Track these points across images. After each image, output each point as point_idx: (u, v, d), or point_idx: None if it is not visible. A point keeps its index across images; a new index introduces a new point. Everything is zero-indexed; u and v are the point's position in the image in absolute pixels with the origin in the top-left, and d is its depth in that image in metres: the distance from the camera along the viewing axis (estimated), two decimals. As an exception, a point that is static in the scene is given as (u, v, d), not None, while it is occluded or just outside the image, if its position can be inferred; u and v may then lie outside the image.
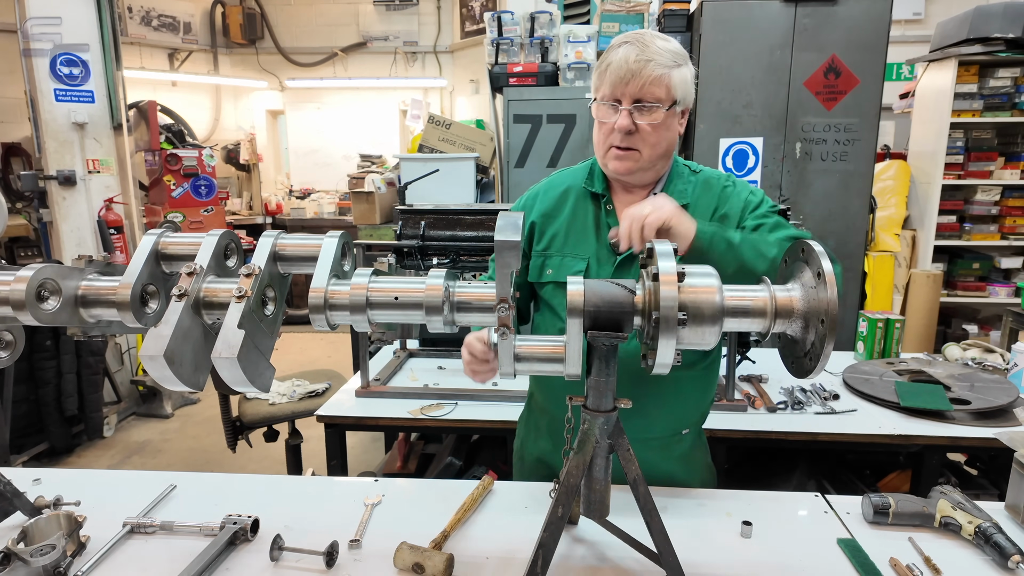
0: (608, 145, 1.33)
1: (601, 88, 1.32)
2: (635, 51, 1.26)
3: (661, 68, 1.26)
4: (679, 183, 1.41)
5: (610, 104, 1.30)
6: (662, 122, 1.29)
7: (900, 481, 2.35)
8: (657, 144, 1.31)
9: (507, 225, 0.90)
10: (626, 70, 1.26)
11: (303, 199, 7.63)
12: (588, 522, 1.19)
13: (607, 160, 1.35)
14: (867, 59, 3.61)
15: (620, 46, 1.29)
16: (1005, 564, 1.11)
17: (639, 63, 1.25)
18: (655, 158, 1.33)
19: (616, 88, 1.28)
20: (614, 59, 1.28)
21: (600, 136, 1.36)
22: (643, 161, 1.32)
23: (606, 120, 1.32)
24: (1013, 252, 4.64)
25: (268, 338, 0.93)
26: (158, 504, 1.35)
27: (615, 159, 1.33)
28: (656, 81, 1.26)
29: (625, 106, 1.28)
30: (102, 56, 4.29)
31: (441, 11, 7.54)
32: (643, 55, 1.25)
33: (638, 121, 1.28)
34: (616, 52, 1.28)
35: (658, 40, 1.29)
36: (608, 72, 1.29)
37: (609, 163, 1.35)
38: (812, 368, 0.89)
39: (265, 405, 3.00)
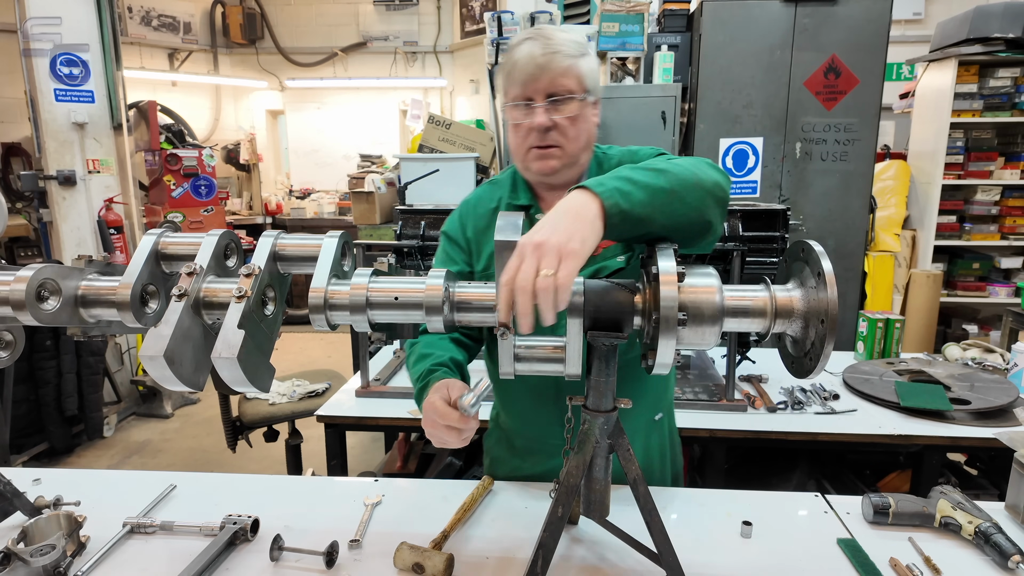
0: (527, 147, 1.26)
1: (510, 90, 1.26)
2: (539, 46, 1.21)
3: (568, 59, 1.21)
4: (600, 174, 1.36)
5: (523, 104, 1.24)
6: (579, 114, 1.24)
7: (900, 481, 2.35)
8: (577, 137, 1.26)
9: (507, 225, 0.90)
10: (534, 66, 1.20)
11: (303, 199, 7.63)
12: (588, 522, 1.19)
13: (528, 162, 1.29)
14: (867, 59, 3.62)
15: (522, 43, 1.23)
16: (1005, 564, 1.11)
17: (546, 57, 1.20)
18: (577, 152, 1.28)
19: (526, 86, 1.22)
20: (519, 57, 1.22)
21: (517, 140, 1.29)
22: (566, 157, 1.27)
23: (521, 121, 1.25)
24: (1013, 252, 4.65)
25: (268, 338, 0.93)
26: (158, 504, 1.35)
27: (537, 159, 1.26)
28: (566, 72, 1.21)
29: (539, 103, 1.22)
30: (102, 56, 4.29)
31: (441, 11, 7.55)
32: (548, 48, 1.20)
33: (554, 117, 1.22)
34: (519, 50, 1.23)
35: (559, 32, 1.24)
36: (515, 71, 1.23)
37: (532, 165, 1.28)
38: (812, 368, 0.89)
39: (265, 405, 3.00)
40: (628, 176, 0.95)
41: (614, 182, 0.94)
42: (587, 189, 0.92)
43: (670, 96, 3.50)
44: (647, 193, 0.93)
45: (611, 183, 0.93)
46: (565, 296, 0.81)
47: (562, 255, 0.81)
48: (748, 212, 2.04)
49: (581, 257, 0.83)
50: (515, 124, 1.27)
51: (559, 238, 0.83)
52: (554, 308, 0.81)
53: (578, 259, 0.83)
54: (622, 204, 0.91)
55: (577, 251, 0.83)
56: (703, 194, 0.99)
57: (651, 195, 0.94)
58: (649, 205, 0.93)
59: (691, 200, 0.97)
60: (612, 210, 0.90)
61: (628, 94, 3.53)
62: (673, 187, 0.96)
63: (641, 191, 0.93)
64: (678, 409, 2.08)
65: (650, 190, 0.94)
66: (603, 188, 0.91)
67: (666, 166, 0.99)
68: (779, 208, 2.05)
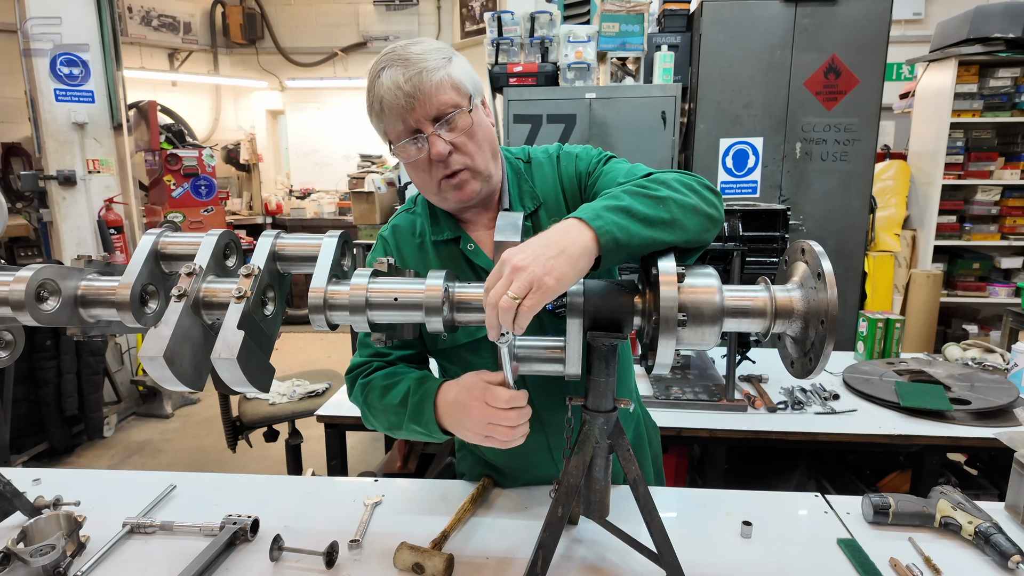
0: (436, 180, 1.15)
1: (390, 129, 1.13)
2: (400, 71, 1.07)
3: (437, 72, 1.09)
4: (523, 184, 1.26)
5: (411, 140, 1.11)
6: (473, 123, 1.13)
7: (900, 481, 2.35)
8: (481, 148, 1.15)
9: (507, 225, 0.90)
10: (404, 94, 1.07)
11: (303, 199, 7.64)
12: (588, 522, 1.19)
13: (445, 196, 1.17)
14: (867, 59, 3.61)
15: (380, 74, 1.09)
16: (1005, 564, 1.11)
17: (412, 80, 1.07)
18: (487, 163, 1.17)
19: (406, 120, 1.09)
20: (384, 92, 1.08)
21: (420, 176, 1.17)
22: (479, 176, 1.16)
23: (418, 157, 1.13)
24: (1013, 252, 4.65)
25: (268, 338, 0.93)
26: (158, 504, 1.35)
27: (453, 190, 1.15)
28: (440, 87, 1.09)
29: (428, 132, 1.10)
30: (102, 56, 4.29)
31: (441, 11, 7.55)
32: (411, 69, 1.07)
33: (450, 138, 1.11)
34: (381, 84, 1.08)
35: (413, 47, 1.11)
36: (386, 109, 1.09)
37: (449, 197, 1.17)
38: (812, 368, 0.89)
39: (265, 405, 3.00)
40: (628, 207, 0.92)
41: (612, 216, 0.90)
42: (584, 222, 0.89)
43: (670, 96, 3.50)
44: (646, 226, 0.91)
45: (609, 216, 0.90)
46: (523, 323, 0.82)
47: (533, 286, 0.81)
48: (748, 212, 2.04)
49: (552, 294, 0.83)
50: (411, 162, 1.15)
51: (537, 269, 0.82)
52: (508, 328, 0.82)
53: (547, 295, 0.83)
54: (619, 238, 0.88)
55: (550, 288, 0.82)
56: (702, 219, 0.97)
57: (650, 228, 0.91)
58: (647, 238, 0.91)
59: (691, 227, 0.95)
60: (608, 245, 0.88)
61: (628, 94, 3.53)
62: (674, 217, 0.93)
63: (639, 225, 0.91)
64: (679, 409, 2.09)
65: (649, 222, 0.91)
66: (600, 222, 0.89)
67: (667, 194, 0.95)
68: (779, 208, 2.05)
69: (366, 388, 1.26)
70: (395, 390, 1.19)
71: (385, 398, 1.20)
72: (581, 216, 0.90)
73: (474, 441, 1.06)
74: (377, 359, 1.30)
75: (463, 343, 1.25)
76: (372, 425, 1.28)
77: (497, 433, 1.02)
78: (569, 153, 1.28)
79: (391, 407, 1.18)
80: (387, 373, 1.26)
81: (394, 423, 1.19)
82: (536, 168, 1.28)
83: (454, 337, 1.24)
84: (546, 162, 1.29)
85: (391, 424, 1.20)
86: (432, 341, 1.29)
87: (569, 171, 1.26)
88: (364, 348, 1.33)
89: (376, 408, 1.22)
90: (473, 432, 1.05)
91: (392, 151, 1.15)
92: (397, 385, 1.19)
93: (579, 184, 1.25)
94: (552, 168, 1.27)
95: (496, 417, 1.00)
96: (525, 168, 1.28)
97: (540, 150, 1.32)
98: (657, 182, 0.99)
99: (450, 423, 1.09)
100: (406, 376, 1.21)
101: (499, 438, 1.02)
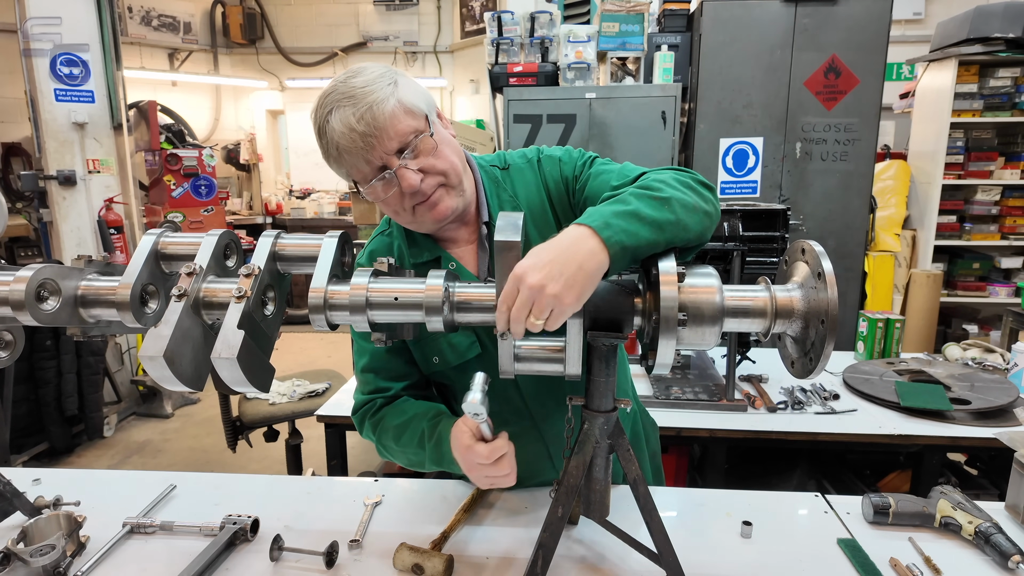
0: (410, 207, 1.11)
1: (355, 172, 1.09)
2: (349, 111, 1.02)
3: (387, 102, 1.03)
4: (501, 192, 1.22)
5: (380, 180, 1.07)
6: (437, 142, 1.09)
7: (900, 481, 2.35)
8: (452, 163, 1.11)
9: (507, 225, 0.90)
10: (359, 135, 1.02)
11: (303, 199, 7.64)
12: (588, 522, 1.19)
13: (420, 220, 1.13)
14: (867, 59, 3.62)
15: (328, 118, 1.04)
16: (1005, 564, 1.11)
17: (365, 118, 1.02)
18: (459, 174, 1.13)
19: (370, 159, 1.05)
20: (338, 138, 1.03)
21: (393, 208, 1.13)
22: (454, 191, 1.13)
23: (388, 192, 1.09)
24: (1013, 252, 4.65)
25: (268, 338, 0.93)
26: (158, 504, 1.35)
27: (429, 210, 1.11)
28: (394, 117, 1.04)
29: (394, 166, 1.06)
30: (102, 56, 4.29)
31: (441, 11, 7.55)
32: (359, 106, 1.02)
33: (419, 167, 1.07)
34: (333, 129, 1.03)
35: (354, 79, 1.05)
36: (344, 154, 1.05)
37: (425, 220, 1.13)
38: (812, 368, 0.89)
39: (265, 405, 3.00)
40: (636, 211, 0.91)
41: (620, 222, 0.90)
42: (594, 231, 0.88)
43: (670, 96, 3.50)
44: (653, 228, 0.91)
45: (617, 223, 0.89)
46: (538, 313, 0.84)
47: (555, 308, 0.83)
48: (748, 212, 2.04)
49: (573, 310, 0.85)
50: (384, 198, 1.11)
51: (557, 288, 0.82)
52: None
53: (569, 312, 0.85)
54: (627, 244, 0.88)
55: (571, 306, 0.84)
56: (701, 216, 0.97)
57: (657, 230, 0.91)
58: (654, 240, 0.91)
59: (693, 226, 0.95)
60: (616, 254, 0.87)
61: (628, 94, 3.53)
62: (679, 218, 0.93)
63: (647, 228, 0.90)
64: (679, 409, 2.09)
65: (656, 225, 0.91)
66: (609, 231, 0.88)
67: (671, 194, 0.95)
68: (779, 208, 2.05)
69: (377, 428, 1.27)
70: (408, 432, 1.20)
71: (400, 441, 1.21)
72: (591, 224, 0.89)
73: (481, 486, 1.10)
74: (379, 395, 1.29)
75: (454, 365, 1.24)
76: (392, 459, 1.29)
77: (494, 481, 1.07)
78: (551, 157, 1.24)
79: (410, 449, 1.20)
80: (396, 411, 1.25)
81: (415, 462, 1.22)
82: (516, 173, 1.24)
83: (445, 360, 1.23)
84: (526, 167, 1.24)
85: (412, 463, 1.23)
86: (425, 365, 1.27)
87: (554, 175, 1.22)
88: (364, 385, 1.31)
89: (394, 449, 1.24)
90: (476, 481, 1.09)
91: (361, 193, 1.11)
92: (409, 427, 1.21)
93: (567, 189, 1.21)
94: (534, 173, 1.23)
95: (484, 471, 1.04)
96: (503, 175, 1.24)
97: (517, 154, 1.27)
98: (659, 182, 0.98)
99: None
100: (416, 415, 1.22)
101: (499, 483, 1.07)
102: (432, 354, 1.24)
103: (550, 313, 0.83)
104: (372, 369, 1.29)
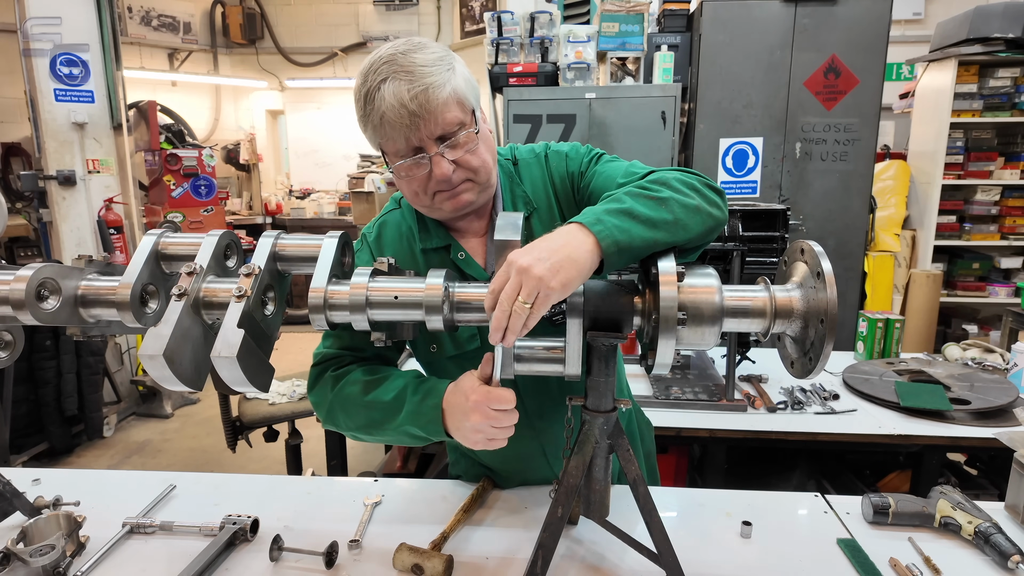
0: (431, 193, 1.09)
1: (389, 144, 1.06)
2: (404, 85, 0.99)
3: (443, 86, 1.01)
4: (515, 188, 1.22)
5: (413, 160, 1.05)
6: (479, 139, 1.08)
7: (900, 481, 2.35)
8: (485, 162, 1.10)
9: (506, 225, 0.90)
10: (409, 113, 0.99)
11: (303, 199, 7.64)
12: (588, 522, 1.19)
13: (439, 205, 1.11)
14: (867, 59, 3.62)
15: (381, 85, 1.00)
16: (1005, 564, 1.11)
17: (419, 98, 0.99)
18: (489, 173, 1.12)
19: (409, 138, 1.02)
20: (386, 107, 1.00)
21: (413, 190, 1.10)
22: (479, 187, 1.12)
23: (417, 175, 1.07)
24: (1013, 252, 4.65)
25: (268, 338, 0.93)
26: (158, 504, 1.35)
27: (449, 200, 1.10)
28: (447, 104, 1.02)
29: (432, 152, 1.04)
30: (102, 56, 4.29)
31: (441, 11, 7.55)
32: (416, 84, 0.99)
33: (454, 158, 1.06)
34: (383, 97, 1.00)
35: (416, 54, 1.02)
36: (386, 125, 1.02)
37: (444, 207, 1.11)
38: (812, 368, 0.89)
39: (265, 405, 3.00)
40: (629, 209, 0.91)
41: (614, 219, 0.89)
42: (585, 227, 0.88)
43: (670, 96, 3.50)
44: (647, 227, 0.90)
45: (609, 220, 0.89)
46: (531, 324, 0.83)
47: (541, 291, 0.82)
48: (748, 212, 2.04)
49: (558, 297, 0.84)
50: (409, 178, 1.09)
51: (544, 271, 0.82)
52: (517, 334, 0.83)
53: (554, 299, 0.83)
54: (621, 241, 0.88)
55: (556, 291, 0.83)
56: (704, 218, 0.96)
57: (652, 229, 0.90)
58: (649, 238, 0.90)
59: (693, 227, 0.94)
60: (609, 249, 0.87)
61: (628, 94, 3.53)
62: (677, 218, 0.92)
63: (641, 226, 0.90)
64: (678, 409, 2.09)
65: (651, 224, 0.90)
66: (601, 227, 0.88)
67: (669, 194, 0.94)
68: (779, 208, 2.05)
69: (340, 381, 1.17)
70: (384, 386, 1.12)
71: (370, 394, 1.12)
72: (583, 221, 0.89)
73: (464, 444, 1.02)
74: (351, 352, 1.22)
75: (451, 355, 1.22)
76: (334, 422, 1.19)
77: (495, 434, 0.99)
78: (558, 152, 1.24)
79: (377, 404, 1.11)
80: (368, 369, 1.19)
81: (377, 420, 1.12)
82: (524, 168, 1.24)
83: (443, 349, 1.22)
84: (534, 162, 1.24)
85: (372, 421, 1.13)
86: (422, 351, 1.25)
87: (560, 171, 1.22)
88: (334, 339, 1.23)
89: (353, 404, 1.14)
90: (468, 435, 1.01)
91: (389, 166, 1.09)
92: (386, 382, 1.13)
93: (572, 185, 1.21)
94: (541, 169, 1.23)
95: (497, 419, 0.97)
96: (513, 169, 1.24)
97: (526, 149, 1.27)
98: (659, 182, 0.98)
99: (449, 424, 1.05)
100: (395, 374, 1.16)
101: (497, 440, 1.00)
102: (431, 341, 1.22)
103: (536, 296, 0.82)
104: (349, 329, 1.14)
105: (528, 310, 0.82)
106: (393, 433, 1.12)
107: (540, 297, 0.82)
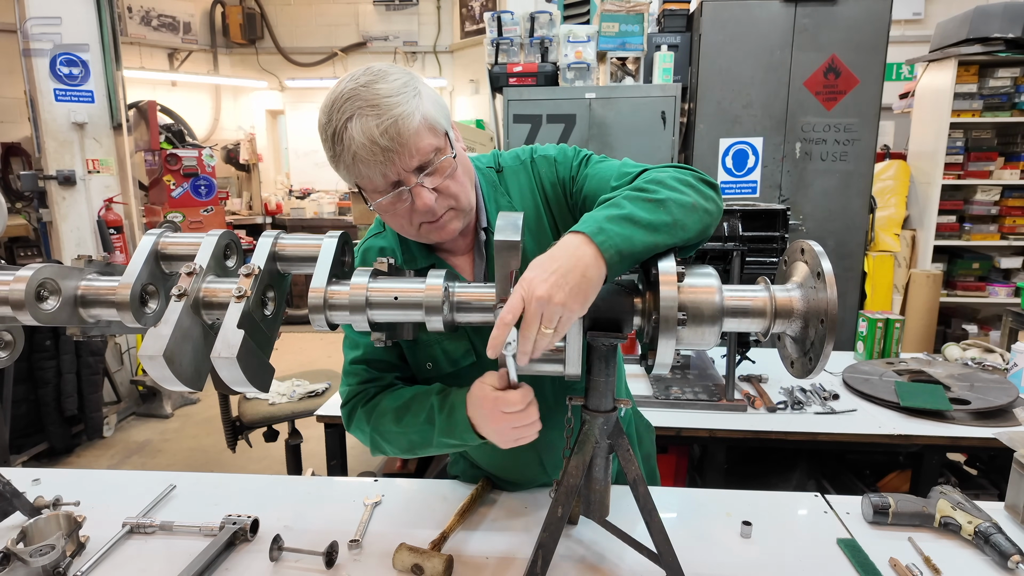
0: (416, 224, 1.07)
1: (366, 182, 1.03)
2: (372, 120, 0.95)
3: (413, 116, 0.98)
4: (499, 198, 1.19)
5: (394, 195, 1.02)
6: (456, 162, 1.06)
7: (900, 481, 2.35)
8: (464, 185, 1.08)
9: (507, 225, 0.90)
10: (382, 149, 0.96)
11: (303, 199, 7.64)
12: (588, 522, 1.19)
13: (425, 236, 1.10)
14: (867, 59, 3.62)
15: (348, 124, 0.97)
16: (1005, 564, 1.11)
17: (389, 131, 0.96)
18: (469, 198, 1.10)
19: (387, 173, 0.99)
20: (356, 146, 0.97)
21: (399, 221, 1.08)
22: (463, 213, 1.10)
23: (400, 208, 1.05)
24: (1013, 252, 4.65)
25: (268, 338, 0.93)
26: (158, 504, 1.35)
27: (436, 231, 1.08)
28: (419, 134, 0.99)
29: (412, 183, 1.01)
30: (102, 56, 4.29)
31: (441, 11, 7.55)
32: (384, 118, 0.95)
33: (435, 186, 1.03)
34: (352, 137, 0.96)
35: (378, 85, 0.98)
36: (359, 164, 0.99)
37: (431, 237, 1.10)
38: (812, 368, 0.89)
39: (265, 405, 3.00)
40: (629, 216, 0.90)
41: (615, 227, 0.89)
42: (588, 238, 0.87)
43: (670, 96, 3.50)
44: (649, 232, 0.90)
45: (612, 229, 0.88)
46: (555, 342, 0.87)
47: (563, 316, 0.84)
48: (748, 212, 2.04)
49: (578, 315, 0.87)
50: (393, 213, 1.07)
51: (565, 297, 0.83)
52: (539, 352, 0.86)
53: (576, 317, 0.87)
54: (623, 249, 0.88)
55: (577, 312, 0.86)
56: (701, 215, 0.96)
57: (653, 233, 0.90)
58: (651, 243, 0.90)
59: (692, 225, 0.94)
60: (612, 260, 0.87)
61: (628, 94, 3.53)
62: (676, 218, 0.92)
63: (643, 231, 0.90)
64: (678, 409, 2.09)
65: (652, 228, 0.90)
66: (603, 236, 0.87)
67: (667, 195, 0.94)
68: (779, 208, 2.05)
69: (373, 415, 1.19)
70: (412, 412, 1.14)
71: (402, 421, 1.14)
72: (585, 231, 0.88)
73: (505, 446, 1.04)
74: (371, 385, 1.24)
75: (447, 372, 1.21)
76: (383, 450, 1.21)
77: (522, 433, 1.02)
78: (546, 157, 1.21)
79: (414, 426, 1.13)
80: (393, 396, 1.20)
81: (417, 442, 1.14)
82: (510, 176, 1.21)
83: (439, 367, 1.21)
84: (520, 169, 1.21)
85: (413, 444, 1.15)
86: (417, 370, 1.25)
87: (551, 177, 1.19)
88: (354, 376, 1.24)
89: (391, 432, 1.16)
90: (496, 439, 1.04)
91: (370, 205, 1.06)
92: (412, 405, 1.14)
93: (564, 191, 1.18)
94: (528, 176, 1.20)
95: (514, 420, 0.99)
96: (498, 177, 1.21)
97: (510, 156, 1.23)
98: (655, 182, 0.97)
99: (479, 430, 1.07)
100: (419, 392, 1.16)
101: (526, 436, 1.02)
102: (426, 360, 1.21)
103: (558, 321, 0.84)
104: (364, 360, 1.23)
105: (552, 335, 0.84)
106: (436, 447, 1.14)
107: (563, 320, 0.85)
